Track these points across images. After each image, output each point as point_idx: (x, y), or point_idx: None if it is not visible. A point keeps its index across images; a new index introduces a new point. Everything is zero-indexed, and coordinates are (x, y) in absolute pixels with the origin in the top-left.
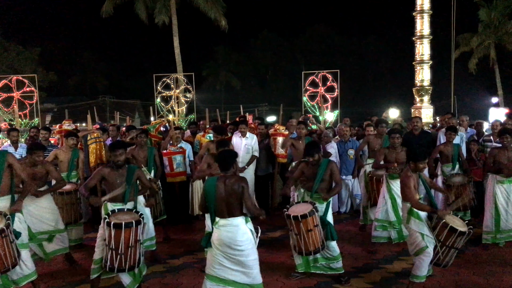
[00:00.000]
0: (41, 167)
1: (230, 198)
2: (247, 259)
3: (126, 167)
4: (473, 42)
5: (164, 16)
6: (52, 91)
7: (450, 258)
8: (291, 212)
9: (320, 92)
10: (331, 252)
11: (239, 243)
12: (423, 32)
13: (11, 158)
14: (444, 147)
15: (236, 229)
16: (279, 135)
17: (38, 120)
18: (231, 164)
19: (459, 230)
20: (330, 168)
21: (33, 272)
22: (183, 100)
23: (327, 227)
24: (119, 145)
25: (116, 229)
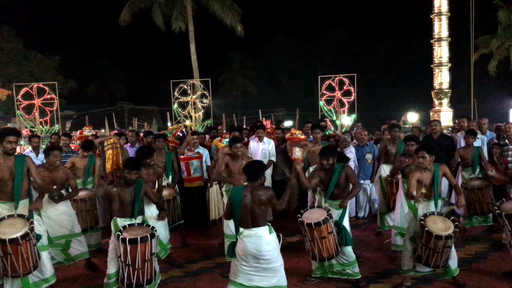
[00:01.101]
0: (61, 172)
1: (256, 208)
2: (273, 265)
3: (134, 183)
4: (492, 44)
5: (180, 23)
6: (72, 99)
7: (439, 259)
8: (305, 219)
9: (336, 96)
10: (347, 257)
11: (264, 253)
12: (441, 34)
13: (29, 161)
14: (463, 151)
15: (261, 239)
16: (295, 140)
17: (59, 126)
18: (259, 175)
19: (434, 234)
20: (345, 173)
21: (52, 275)
22: (200, 105)
23: (342, 232)
24: (135, 166)
25: (132, 244)
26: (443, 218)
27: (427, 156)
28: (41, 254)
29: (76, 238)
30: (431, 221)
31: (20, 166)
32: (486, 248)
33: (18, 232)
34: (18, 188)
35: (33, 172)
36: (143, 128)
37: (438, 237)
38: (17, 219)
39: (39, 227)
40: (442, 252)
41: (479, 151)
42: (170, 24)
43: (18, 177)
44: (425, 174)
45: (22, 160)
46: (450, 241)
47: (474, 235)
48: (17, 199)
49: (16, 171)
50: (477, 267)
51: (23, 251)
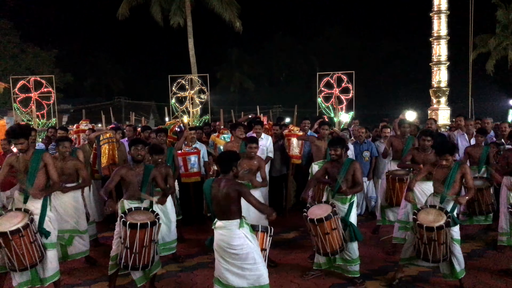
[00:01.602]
0: (71, 163)
1: (223, 200)
2: (243, 262)
3: (143, 166)
4: (490, 43)
5: (179, 18)
6: (69, 92)
7: (429, 253)
8: (309, 214)
9: (335, 93)
10: (351, 254)
11: (233, 247)
12: (440, 32)
13: (48, 157)
14: (472, 149)
15: (230, 232)
16: (293, 136)
17: (55, 120)
18: (231, 167)
19: (417, 223)
20: (354, 168)
21: (56, 272)
22: (198, 101)
23: (349, 228)
24: (140, 141)
25: (132, 229)
26: (438, 212)
27: (450, 158)
28: (47, 251)
29: (80, 235)
30: (425, 212)
31: (36, 160)
32: (482, 246)
33: (10, 227)
34: (30, 181)
35: (50, 168)
36: (141, 123)
37: (420, 226)
38: (19, 213)
39: (50, 224)
40: (429, 245)
41: (488, 151)
42: (168, 19)
43: (31, 171)
44: (441, 170)
45: (39, 155)
46: (434, 235)
47: (470, 234)
48: (26, 192)
49: (31, 165)
50: (473, 265)
51: (16, 247)
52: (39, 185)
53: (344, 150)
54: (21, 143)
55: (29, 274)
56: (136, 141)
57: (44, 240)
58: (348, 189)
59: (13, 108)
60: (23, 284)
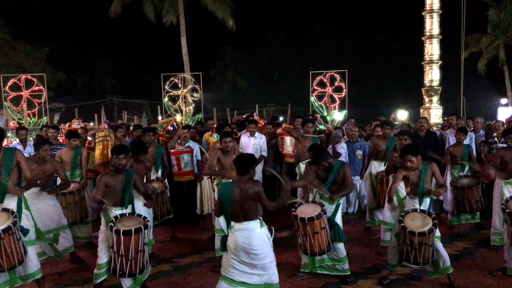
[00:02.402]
0: (50, 165)
1: (245, 202)
2: (264, 262)
3: (124, 172)
4: (482, 42)
5: (171, 16)
6: (60, 91)
7: (418, 256)
8: (298, 213)
9: (328, 92)
10: (338, 253)
11: (254, 247)
12: (432, 31)
13: (19, 155)
14: (454, 149)
15: (252, 233)
16: (286, 135)
17: (47, 119)
18: (249, 169)
19: (408, 230)
20: (343, 171)
21: (37, 270)
22: (191, 99)
23: (334, 228)
24: (122, 149)
25: (126, 236)
26: (423, 216)
27: (414, 159)
28: (27, 249)
29: (63, 230)
30: (410, 217)
31: (8, 159)
32: (473, 244)
33: (1, 226)
34: (4, 180)
35: (23, 166)
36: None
37: (411, 233)
38: (1, 212)
39: (27, 221)
40: (420, 249)
41: (469, 149)
42: (161, 16)
43: (5, 170)
44: (412, 172)
45: (11, 154)
46: (425, 239)
47: (462, 232)
48: (2, 192)
49: (4, 164)
50: (465, 263)
51: (6, 245)
52: (13, 183)
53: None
54: None
55: (6, 275)
56: (117, 150)
57: (24, 238)
58: (333, 195)
59: (4, 106)
60: (1, 286)
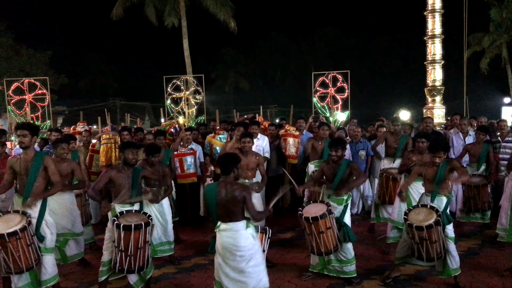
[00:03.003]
0: (67, 165)
1: (230, 204)
2: (247, 265)
3: (131, 169)
4: (484, 41)
5: (173, 19)
6: (63, 94)
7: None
8: (304, 213)
9: (330, 93)
10: (346, 254)
11: (240, 248)
12: (434, 31)
13: (49, 160)
14: (472, 147)
15: (237, 234)
16: (289, 136)
17: (50, 122)
18: (232, 168)
19: (408, 223)
20: (350, 168)
21: (53, 277)
22: (193, 101)
23: (343, 229)
24: (134, 144)
25: (126, 231)
26: (429, 211)
27: (443, 155)
28: (43, 256)
29: (75, 238)
30: (415, 212)
31: (37, 162)
32: (479, 244)
33: (8, 229)
34: (29, 184)
35: (51, 171)
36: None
37: (410, 226)
38: (17, 215)
39: (46, 229)
40: (421, 244)
41: (488, 149)
42: (163, 19)
43: (31, 173)
44: (429, 169)
45: (40, 157)
46: (426, 233)
47: (467, 231)
48: (26, 194)
49: (32, 167)
50: (470, 262)
51: (12, 249)
52: (39, 187)
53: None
54: (24, 135)
55: (28, 277)
56: (131, 144)
57: (40, 244)
58: (341, 190)
59: (7, 110)
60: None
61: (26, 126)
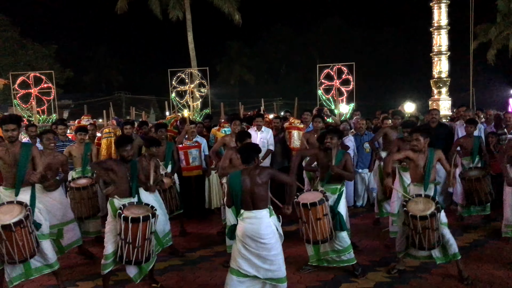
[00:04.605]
0: (57, 159)
1: (256, 189)
2: (269, 253)
3: (130, 162)
4: (491, 32)
5: (178, 12)
6: (69, 88)
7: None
8: (300, 200)
9: (335, 85)
10: (341, 243)
11: (262, 235)
12: (440, 22)
13: (35, 151)
14: (463, 140)
15: (260, 221)
16: (294, 129)
17: (56, 116)
18: (253, 157)
19: (410, 214)
20: (345, 159)
21: (54, 262)
22: (198, 94)
23: (336, 217)
24: (124, 141)
25: (134, 223)
26: (427, 200)
27: (421, 139)
28: (41, 243)
29: (68, 225)
30: (413, 202)
31: (25, 154)
32: (484, 236)
33: (12, 219)
34: (20, 175)
35: (37, 161)
36: (141, 117)
37: (413, 217)
38: (15, 205)
39: (40, 215)
40: (424, 233)
41: (480, 141)
42: (167, 12)
43: (21, 165)
44: (419, 156)
45: (27, 148)
46: (428, 222)
47: (472, 224)
48: (18, 186)
49: (21, 159)
50: (475, 255)
51: (17, 238)
52: (26, 179)
53: (340, 141)
54: (13, 130)
55: (22, 267)
56: (124, 141)
57: (36, 232)
58: (336, 168)
59: (14, 104)
60: (16, 279)
61: (13, 120)
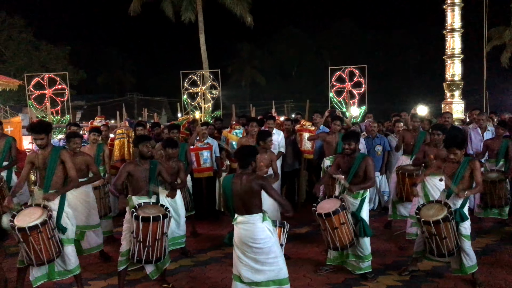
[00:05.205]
0: (81, 159)
1: (246, 195)
2: (268, 256)
3: (149, 162)
4: (505, 35)
5: (190, 14)
6: (82, 89)
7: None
8: (318, 209)
9: (347, 87)
10: (363, 249)
11: (257, 240)
12: (454, 25)
13: (65, 155)
14: (491, 142)
15: (254, 226)
16: (305, 131)
17: (69, 117)
18: (250, 161)
19: (422, 220)
20: (366, 163)
21: (76, 267)
22: (209, 96)
23: (359, 223)
24: (146, 137)
25: (144, 222)
26: (440, 206)
27: (458, 152)
28: (64, 247)
29: (92, 230)
30: (427, 207)
31: (54, 157)
32: (497, 241)
33: (29, 223)
34: (48, 177)
35: (68, 166)
36: (153, 119)
37: (424, 222)
38: (38, 209)
39: (67, 220)
40: (431, 239)
41: (508, 144)
42: (179, 14)
43: (49, 167)
44: (451, 165)
45: (56, 152)
46: (438, 228)
47: (485, 228)
48: (46, 188)
49: (50, 161)
50: (488, 260)
51: (34, 242)
52: (58, 181)
53: (357, 145)
54: (41, 139)
55: (46, 268)
56: (145, 138)
57: (61, 236)
58: (353, 187)
59: (28, 105)
60: (39, 278)
61: (42, 129)
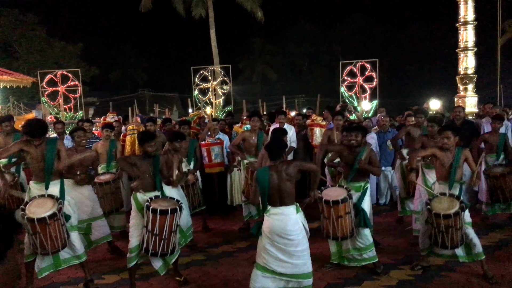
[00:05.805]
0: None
1: (283, 185)
2: (296, 249)
3: (153, 157)
4: None
5: (201, 9)
6: (94, 85)
7: (446, 240)
8: (324, 196)
9: (358, 82)
10: (363, 240)
11: (289, 232)
12: (467, 18)
13: (60, 144)
14: (489, 136)
15: (288, 218)
16: (316, 126)
17: (82, 113)
18: (281, 154)
19: (434, 212)
20: (370, 156)
21: (82, 253)
22: (220, 92)
23: (360, 214)
24: (148, 137)
25: (162, 215)
26: (451, 199)
27: (452, 137)
28: (70, 234)
29: (97, 221)
30: (437, 201)
31: (51, 148)
32: (509, 236)
33: (47, 212)
34: (48, 169)
35: (62, 155)
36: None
37: (437, 215)
38: (47, 199)
39: (69, 208)
40: (447, 232)
41: (505, 138)
42: (190, 10)
43: (48, 159)
44: (446, 154)
45: (53, 143)
46: (452, 221)
47: (497, 223)
48: (47, 179)
49: (47, 153)
50: (501, 254)
51: (51, 230)
52: (56, 172)
53: (364, 138)
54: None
55: (51, 258)
56: (148, 137)
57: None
58: (365, 163)
59: (42, 101)
60: (45, 269)
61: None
